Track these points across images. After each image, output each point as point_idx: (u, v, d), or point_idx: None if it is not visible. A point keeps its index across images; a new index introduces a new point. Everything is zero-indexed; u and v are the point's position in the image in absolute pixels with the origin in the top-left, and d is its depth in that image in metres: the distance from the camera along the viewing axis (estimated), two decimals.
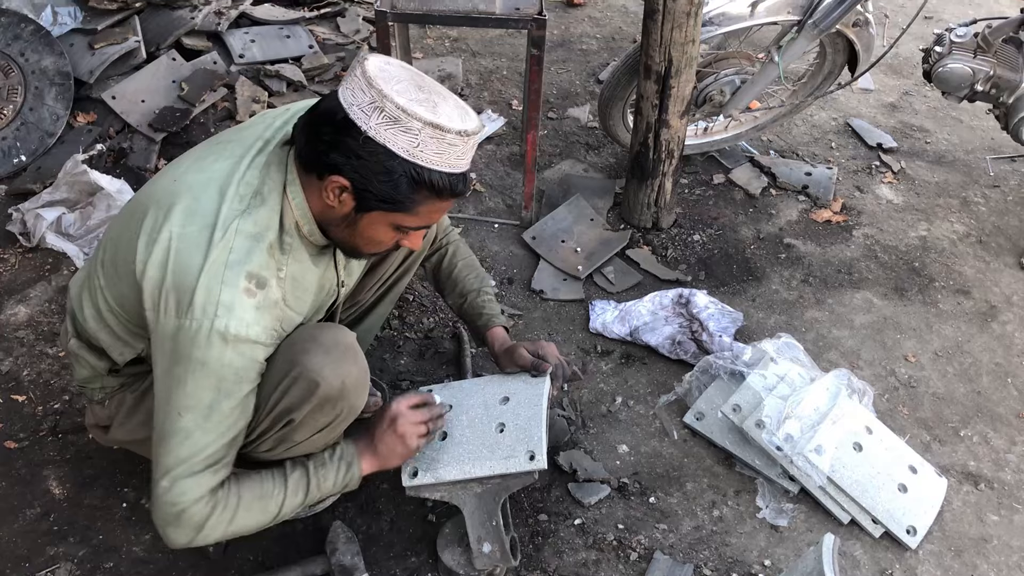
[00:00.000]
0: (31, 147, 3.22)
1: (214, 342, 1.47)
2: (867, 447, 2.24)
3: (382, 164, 1.49)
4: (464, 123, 1.53)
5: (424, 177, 1.51)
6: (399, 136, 1.47)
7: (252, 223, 1.53)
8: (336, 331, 1.69)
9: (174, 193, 1.57)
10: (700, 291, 2.76)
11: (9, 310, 2.67)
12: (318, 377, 1.61)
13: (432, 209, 1.59)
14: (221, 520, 1.59)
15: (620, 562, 2.10)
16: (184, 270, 1.49)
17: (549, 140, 3.56)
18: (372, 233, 1.61)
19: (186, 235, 1.51)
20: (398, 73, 1.53)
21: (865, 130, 3.72)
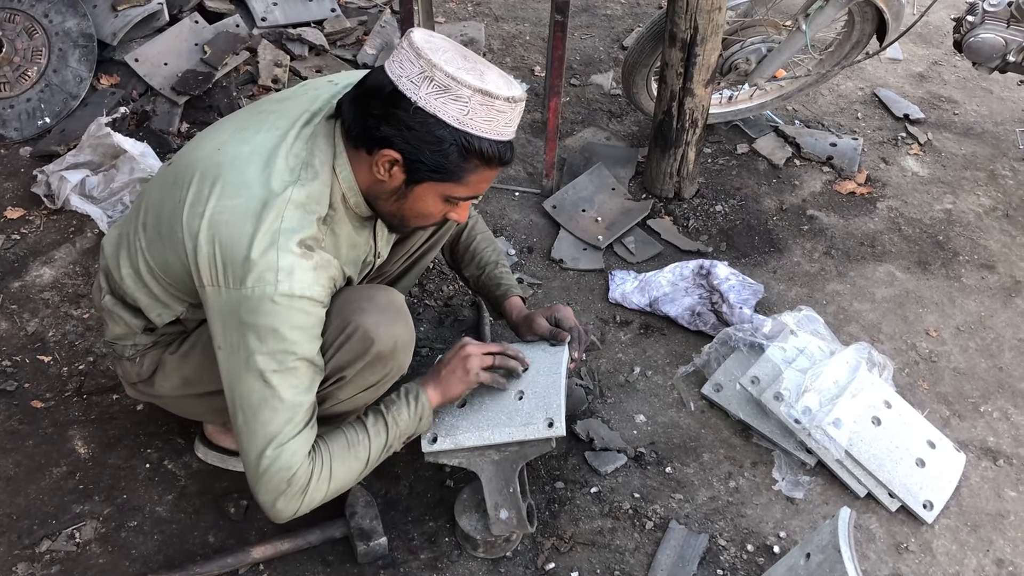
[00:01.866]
0: (55, 109, 3.24)
1: (280, 305, 1.49)
2: (886, 421, 2.23)
3: (433, 134, 1.50)
4: (511, 90, 1.53)
5: (474, 145, 1.52)
6: (449, 105, 1.49)
7: (305, 195, 1.54)
8: (389, 292, 1.74)
9: (219, 164, 1.58)
10: (721, 262, 2.74)
11: (34, 271, 2.70)
12: (373, 335, 1.65)
13: (481, 178, 1.60)
14: (322, 478, 1.62)
15: (636, 531, 2.12)
16: (236, 241, 1.50)
17: (571, 107, 3.53)
18: (422, 205, 1.63)
19: (235, 207, 1.52)
20: (443, 44, 1.54)
21: (892, 100, 3.66)
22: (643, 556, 2.06)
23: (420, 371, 2.42)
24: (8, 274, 2.69)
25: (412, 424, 1.79)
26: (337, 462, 1.64)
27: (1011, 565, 2.09)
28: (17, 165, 3.12)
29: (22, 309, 2.58)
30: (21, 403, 2.31)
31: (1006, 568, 2.08)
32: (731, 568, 2.05)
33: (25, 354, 2.44)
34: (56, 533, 2.04)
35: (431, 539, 2.07)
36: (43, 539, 2.02)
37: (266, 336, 1.51)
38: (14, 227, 2.86)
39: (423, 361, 2.47)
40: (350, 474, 1.68)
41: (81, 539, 2.03)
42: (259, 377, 1.53)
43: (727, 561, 2.06)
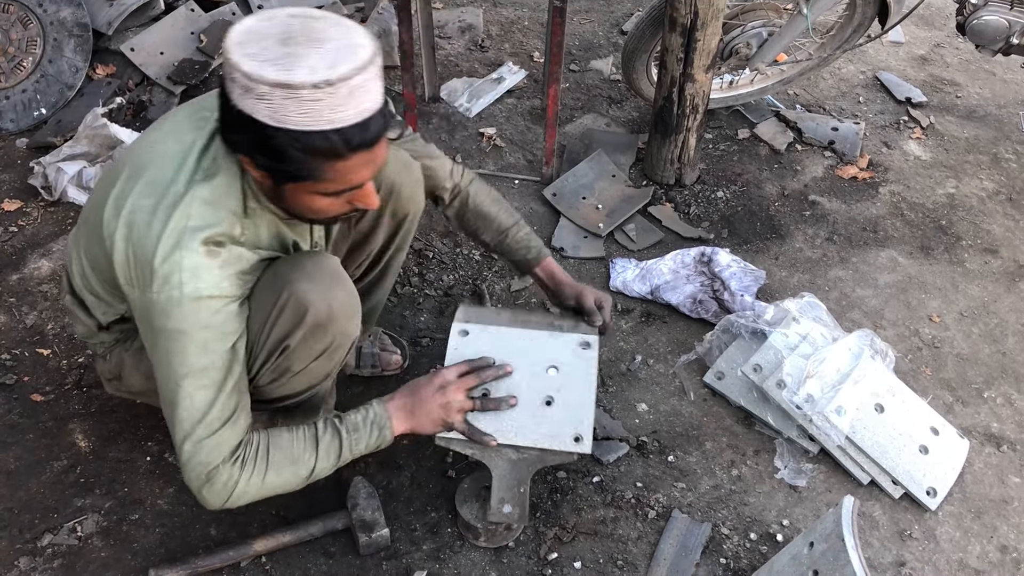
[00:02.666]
0: (51, 100, 3.22)
1: (186, 309, 1.46)
2: (889, 408, 2.22)
3: (258, 136, 1.37)
4: (331, 70, 1.32)
5: (303, 143, 1.36)
6: (258, 104, 1.33)
7: (209, 190, 1.49)
8: (319, 257, 1.68)
9: (147, 161, 1.54)
10: (723, 249, 2.73)
11: (32, 264, 2.69)
12: (305, 302, 1.61)
13: (340, 171, 1.44)
14: (252, 482, 1.60)
15: (638, 520, 2.11)
16: (143, 242, 1.46)
17: (571, 93, 3.51)
18: (304, 204, 1.52)
19: (145, 207, 1.48)
20: (266, 29, 1.38)
21: (894, 84, 3.64)
22: (646, 545, 2.06)
23: (420, 361, 2.42)
24: (6, 267, 2.68)
25: (368, 449, 1.77)
26: (273, 472, 1.63)
27: (1015, 551, 2.08)
28: (13, 157, 3.10)
29: (20, 302, 2.57)
30: (21, 396, 2.30)
31: (1010, 554, 2.08)
32: (734, 557, 2.05)
33: (24, 347, 2.43)
34: (57, 527, 2.03)
35: (433, 529, 2.06)
36: (44, 533, 2.02)
37: (175, 338, 1.49)
38: (11, 219, 2.84)
39: (423, 351, 2.46)
40: (287, 485, 1.67)
41: (83, 533, 2.03)
42: (171, 378, 1.53)
43: (730, 550, 2.06)
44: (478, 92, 3.43)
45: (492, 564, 2.01)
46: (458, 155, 3.16)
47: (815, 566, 1.76)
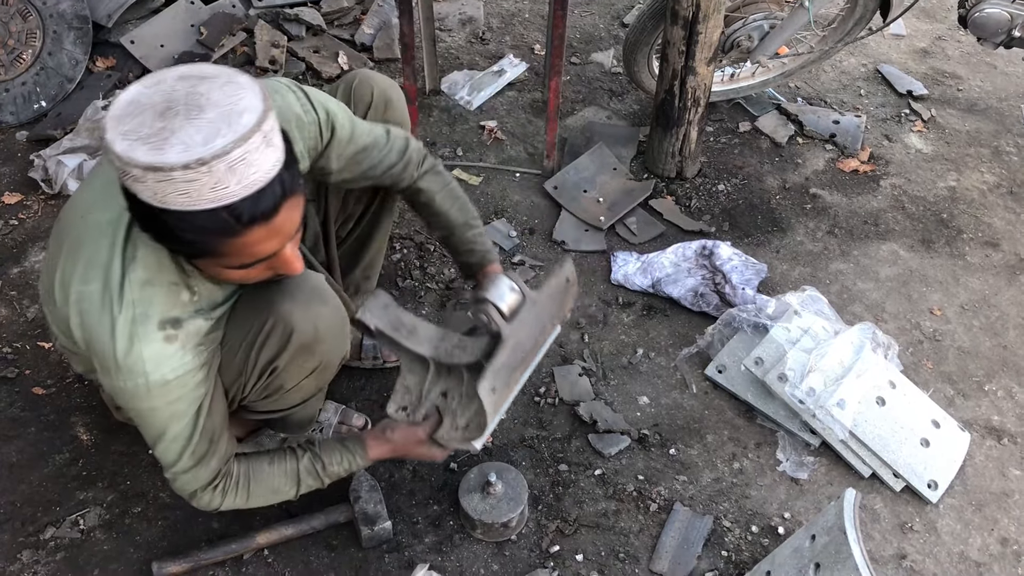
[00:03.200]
0: (51, 92, 3.21)
1: (154, 392, 1.46)
2: (890, 401, 2.23)
3: (147, 215, 1.27)
4: (205, 146, 1.20)
5: (190, 222, 1.25)
6: (136, 185, 1.23)
7: (142, 269, 1.43)
8: (301, 277, 1.60)
9: (81, 235, 1.48)
10: (724, 242, 2.73)
11: (33, 257, 2.68)
12: (290, 324, 1.60)
13: (239, 246, 1.32)
14: (237, 503, 1.71)
15: (640, 513, 2.11)
16: (98, 335, 1.44)
17: (572, 86, 3.50)
18: (225, 275, 1.43)
19: (89, 294, 1.44)
20: (148, 98, 1.26)
21: (895, 77, 3.63)
22: (647, 538, 2.06)
23: None
24: (7, 260, 2.67)
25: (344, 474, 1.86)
26: (253, 499, 1.74)
27: (1016, 544, 2.09)
28: (14, 150, 3.10)
29: (21, 295, 2.56)
30: (22, 390, 2.31)
31: (1010, 547, 2.08)
32: (736, 549, 2.05)
33: (26, 341, 2.43)
34: (60, 520, 2.04)
35: (435, 523, 2.07)
36: (47, 526, 2.03)
37: (147, 414, 1.51)
38: (12, 212, 2.84)
39: None
40: (267, 503, 1.78)
41: (85, 526, 2.03)
42: (148, 435, 1.58)
43: (732, 543, 2.06)
44: (479, 85, 3.43)
45: (494, 557, 2.01)
46: (459, 148, 3.16)
47: (817, 559, 1.76)
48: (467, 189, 2.99)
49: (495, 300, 1.77)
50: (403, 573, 1.95)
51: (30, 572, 1.95)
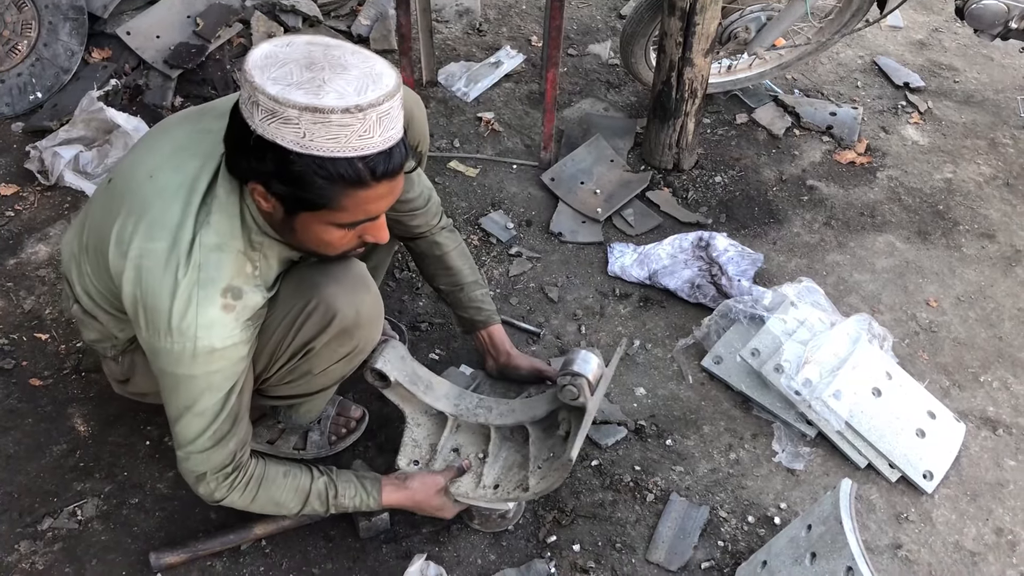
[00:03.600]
0: (46, 84, 3.20)
1: (199, 359, 1.47)
2: (886, 393, 2.23)
3: (280, 163, 1.35)
4: (360, 96, 1.31)
5: (328, 169, 1.34)
6: (282, 129, 1.31)
7: (214, 234, 1.47)
8: (348, 264, 1.67)
9: (146, 198, 1.51)
10: (720, 234, 2.73)
11: (30, 248, 2.68)
12: (334, 307, 1.62)
13: (359, 201, 1.41)
14: (238, 502, 1.71)
15: (636, 503, 2.12)
16: (156, 292, 1.45)
17: (569, 78, 3.50)
18: (314, 236, 1.49)
19: (153, 251, 1.46)
20: (287, 54, 1.36)
21: (892, 68, 3.63)
22: (644, 528, 2.07)
23: (419, 346, 2.42)
24: (3, 252, 2.67)
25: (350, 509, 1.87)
26: (256, 505, 1.74)
27: (1010, 534, 2.10)
28: (9, 141, 3.09)
29: (18, 287, 2.56)
30: (19, 381, 2.30)
31: (1005, 537, 2.09)
32: (732, 539, 2.06)
33: (22, 332, 2.43)
34: (58, 511, 2.04)
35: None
36: (45, 517, 2.03)
37: (183, 380, 1.51)
38: (8, 204, 2.83)
39: (422, 336, 2.46)
40: (264, 512, 1.79)
41: (83, 516, 2.03)
42: (174, 404, 1.56)
43: (728, 533, 2.07)
44: (476, 76, 3.42)
45: (491, 547, 2.02)
46: (456, 139, 3.16)
47: (813, 548, 1.77)
48: (464, 181, 2.99)
49: (588, 375, 1.85)
50: (400, 563, 1.96)
51: (28, 562, 1.95)
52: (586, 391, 1.82)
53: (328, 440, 2.14)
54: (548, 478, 1.89)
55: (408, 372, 1.94)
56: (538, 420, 1.96)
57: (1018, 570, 2.03)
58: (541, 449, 1.96)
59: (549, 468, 1.91)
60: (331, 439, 2.14)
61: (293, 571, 1.96)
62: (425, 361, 2.38)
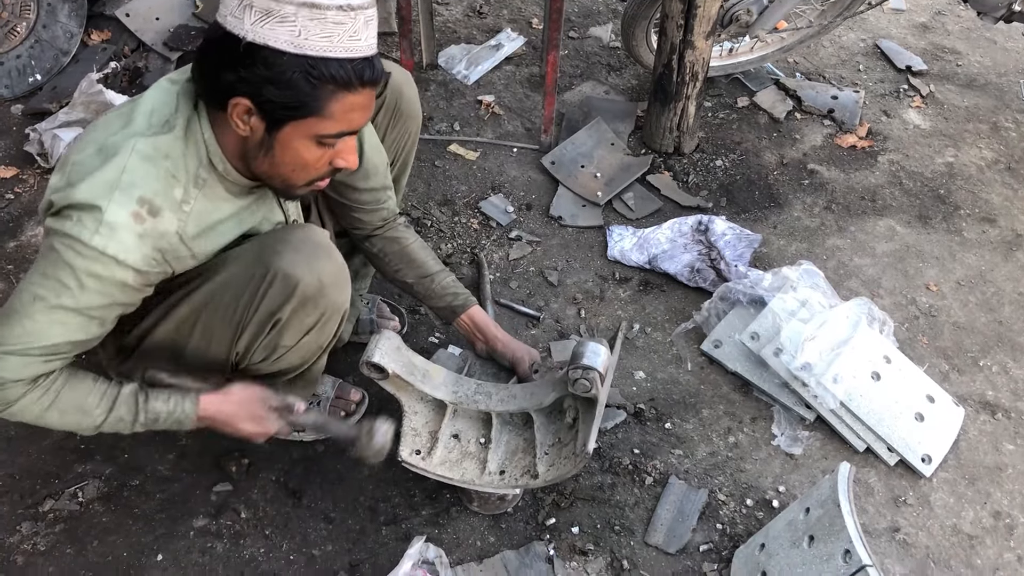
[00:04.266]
0: (46, 66, 3.19)
1: (87, 253, 1.42)
2: (885, 376, 2.24)
3: (271, 67, 1.38)
4: None
5: (320, 69, 1.39)
6: (277, 30, 1.36)
7: (151, 146, 1.47)
8: (306, 230, 1.67)
9: (88, 130, 1.54)
10: (719, 217, 2.73)
11: (30, 231, 2.68)
12: (294, 276, 1.60)
13: (345, 106, 1.46)
14: (32, 407, 1.54)
15: (635, 486, 2.13)
16: (77, 182, 1.44)
17: (569, 60, 3.48)
18: (294, 154, 1.50)
19: (86, 156, 1.48)
20: None
21: (894, 52, 3.61)
22: (643, 511, 2.08)
23: (418, 328, 2.42)
24: (3, 234, 2.67)
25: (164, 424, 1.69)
26: (56, 410, 1.56)
27: (1008, 517, 2.10)
28: (9, 123, 3.08)
29: (18, 269, 2.56)
30: None
31: (1003, 520, 2.10)
32: (730, 522, 2.07)
33: None
34: (59, 492, 2.05)
35: (432, 496, 2.08)
36: (46, 498, 2.03)
37: (61, 266, 1.43)
38: (7, 186, 2.83)
39: (422, 319, 2.46)
40: (68, 426, 1.60)
41: (84, 498, 2.04)
42: (30, 292, 1.46)
43: (726, 516, 2.08)
44: (476, 59, 3.41)
45: (491, 529, 2.03)
46: (456, 122, 3.15)
47: (811, 531, 1.78)
48: (464, 164, 2.98)
49: (599, 367, 1.83)
50: (400, 545, 1.97)
51: (30, 543, 1.96)
52: (598, 384, 1.82)
53: None
54: (558, 467, 1.89)
55: (404, 362, 1.94)
56: (543, 408, 1.96)
57: (1015, 553, 2.04)
58: (546, 435, 1.96)
59: (558, 455, 1.92)
60: None
61: (294, 552, 1.97)
62: (424, 344, 2.39)
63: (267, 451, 2.12)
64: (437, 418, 2.01)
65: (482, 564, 1.96)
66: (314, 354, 1.84)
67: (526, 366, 2.13)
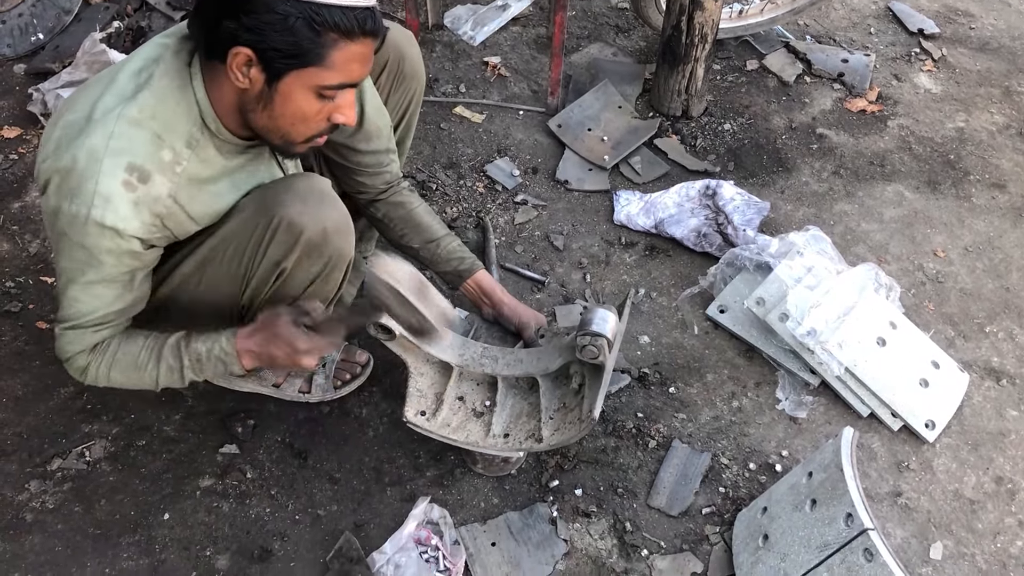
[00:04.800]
0: (48, 25, 3.16)
1: (91, 230, 1.45)
2: (890, 342, 2.23)
3: (274, 12, 1.38)
4: None
5: (324, 16, 1.39)
6: None
7: (136, 109, 1.46)
8: (310, 179, 1.67)
9: (79, 89, 1.54)
10: (727, 182, 2.71)
11: (34, 192, 2.67)
12: (299, 223, 1.60)
13: (347, 56, 1.45)
14: (99, 372, 1.66)
15: (639, 449, 2.14)
16: (66, 154, 1.45)
17: (577, 21, 3.44)
18: (294, 106, 1.49)
19: (74, 121, 1.47)
20: None
21: (906, 14, 3.56)
22: (646, 474, 2.09)
23: None
24: (7, 195, 2.66)
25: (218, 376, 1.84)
26: (117, 371, 1.67)
27: (1010, 482, 2.11)
28: (12, 83, 3.06)
29: (23, 230, 2.56)
30: (26, 324, 2.32)
31: (1005, 485, 2.11)
32: (733, 486, 2.08)
33: (28, 275, 2.44)
34: (66, 452, 2.06)
35: (436, 457, 2.09)
36: (54, 457, 2.05)
37: (75, 247, 1.49)
38: (11, 147, 2.82)
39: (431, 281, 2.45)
40: (133, 384, 1.70)
41: (91, 457, 2.06)
42: (64, 273, 1.55)
43: (729, 479, 2.09)
44: (482, 19, 3.37)
45: (494, 491, 2.04)
46: (462, 84, 3.12)
47: (813, 495, 1.79)
48: (470, 127, 2.96)
49: (607, 334, 1.82)
50: (405, 506, 1.98)
51: (38, 501, 1.98)
52: (606, 351, 1.82)
53: (333, 385, 2.15)
54: (564, 431, 1.89)
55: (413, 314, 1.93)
56: (549, 373, 1.96)
57: (1016, 518, 2.05)
58: (552, 400, 1.96)
59: (563, 420, 1.92)
60: (336, 383, 2.15)
61: (299, 512, 1.99)
62: None
63: (273, 412, 2.14)
64: (443, 380, 2.01)
65: (486, 525, 1.98)
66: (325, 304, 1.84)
67: (532, 331, 2.12)
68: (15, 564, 1.88)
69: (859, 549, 1.65)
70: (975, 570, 1.96)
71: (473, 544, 1.94)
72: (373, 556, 1.89)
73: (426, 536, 1.91)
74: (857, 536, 1.65)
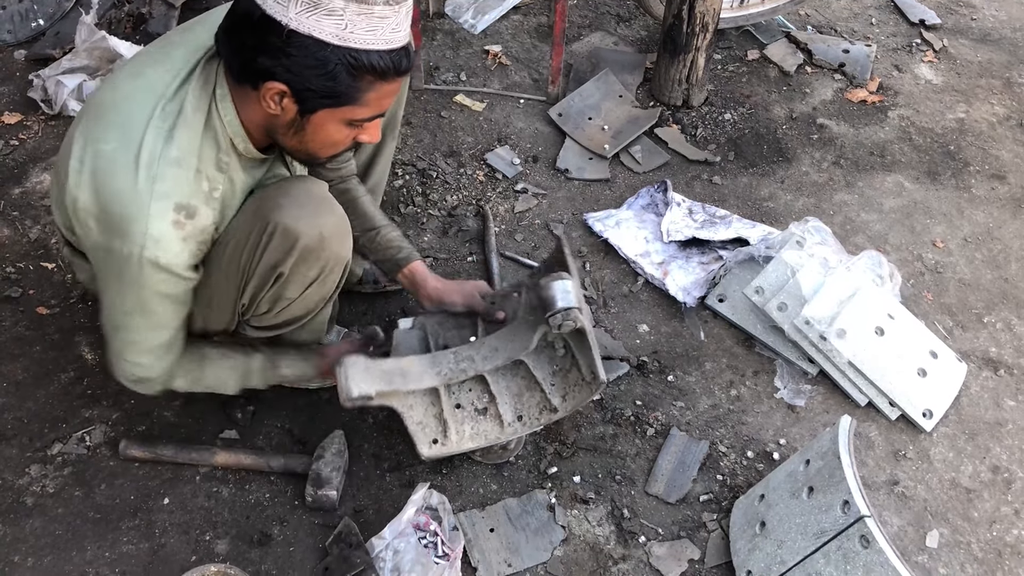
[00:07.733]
0: (48, 11, 3.16)
1: (145, 268, 1.49)
2: (889, 332, 2.24)
3: (314, 57, 1.39)
4: None
5: (363, 61, 1.41)
6: (323, 21, 1.36)
7: (176, 148, 1.48)
8: (307, 182, 1.68)
9: (108, 103, 1.53)
10: None
11: (35, 177, 2.67)
12: (294, 229, 1.60)
13: (380, 95, 1.49)
14: (181, 386, 1.80)
15: (637, 437, 2.14)
16: (112, 196, 1.46)
17: (578, 10, 3.44)
18: (324, 135, 1.53)
19: (112, 155, 1.47)
20: None
21: (908, 5, 3.56)
22: (644, 462, 2.10)
23: None
24: (8, 181, 2.66)
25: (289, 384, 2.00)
26: (199, 387, 1.83)
27: (1007, 472, 2.12)
28: (12, 69, 3.06)
29: (24, 216, 2.56)
30: (27, 309, 2.32)
31: (1001, 475, 2.12)
32: (731, 474, 2.09)
33: (29, 261, 2.44)
34: (67, 436, 2.07)
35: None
36: (54, 442, 2.06)
37: (129, 285, 1.53)
38: (12, 133, 2.82)
39: None
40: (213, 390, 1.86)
41: (91, 442, 2.06)
42: (118, 310, 1.61)
43: (727, 467, 2.10)
44: (484, 8, 3.36)
45: (493, 477, 2.05)
46: (462, 72, 3.12)
47: (810, 483, 1.79)
48: (470, 115, 2.96)
49: (574, 304, 1.78)
50: (404, 492, 1.99)
51: (39, 486, 1.99)
52: (580, 318, 1.79)
53: None
54: (574, 395, 1.88)
55: (378, 376, 1.83)
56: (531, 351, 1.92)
57: (1012, 507, 2.06)
58: (544, 371, 1.91)
59: (566, 383, 1.89)
60: None
61: (298, 498, 2.00)
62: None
63: (272, 398, 2.14)
64: (435, 401, 1.92)
65: (484, 511, 1.98)
66: (318, 305, 1.85)
67: (478, 300, 2.03)
68: (15, 548, 1.89)
69: (855, 536, 1.65)
70: (971, 558, 1.97)
71: (472, 530, 1.95)
72: (372, 541, 1.90)
73: (425, 522, 1.92)
74: (854, 523, 1.66)
